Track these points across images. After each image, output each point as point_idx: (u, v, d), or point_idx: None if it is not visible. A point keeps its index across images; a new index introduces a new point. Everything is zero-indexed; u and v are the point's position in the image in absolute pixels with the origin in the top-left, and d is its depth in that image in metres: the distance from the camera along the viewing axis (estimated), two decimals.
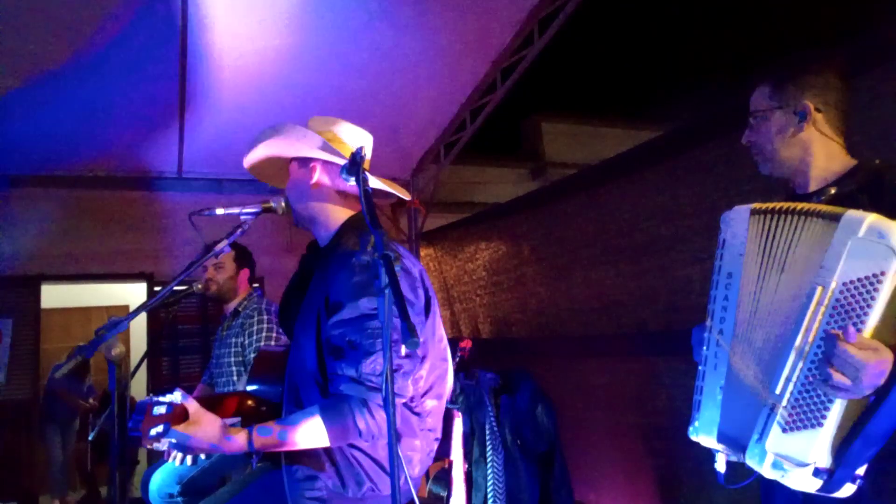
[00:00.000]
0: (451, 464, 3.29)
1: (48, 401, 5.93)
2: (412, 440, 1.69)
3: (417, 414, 1.70)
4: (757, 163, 1.60)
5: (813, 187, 1.53)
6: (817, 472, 1.27)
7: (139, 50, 3.79)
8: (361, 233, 1.64)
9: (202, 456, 1.67)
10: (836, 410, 1.25)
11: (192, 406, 1.53)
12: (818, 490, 1.28)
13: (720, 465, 1.53)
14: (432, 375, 1.76)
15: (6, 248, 5.21)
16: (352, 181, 1.46)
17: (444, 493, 3.12)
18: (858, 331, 1.22)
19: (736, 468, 1.53)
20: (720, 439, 1.47)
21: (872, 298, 1.22)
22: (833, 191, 1.49)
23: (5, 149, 4.63)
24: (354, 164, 1.45)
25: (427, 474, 3.47)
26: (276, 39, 3.90)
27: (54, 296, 6.17)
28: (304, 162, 1.78)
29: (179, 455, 1.74)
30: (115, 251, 5.58)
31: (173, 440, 1.48)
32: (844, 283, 1.25)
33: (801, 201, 1.47)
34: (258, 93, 4.30)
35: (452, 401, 2.01)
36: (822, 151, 1.52)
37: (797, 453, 1.28)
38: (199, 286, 3.20)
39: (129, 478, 5.19)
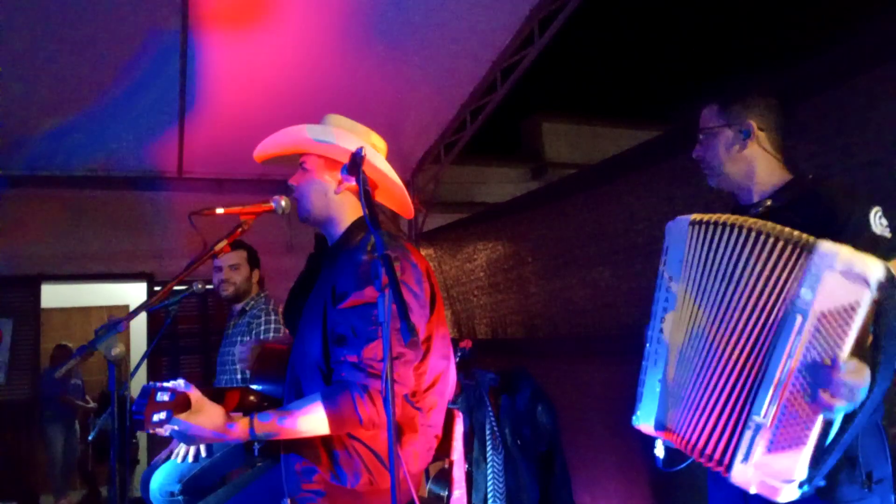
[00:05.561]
0: (451, 464, 3.29)
1: (45, 404, 5.93)
2: (413, 435, 1.69)
3: (419, 409, 1.70)
4: (706, 176, 1.76)
5: (755, 199, 1.67)
6: (800, 485, 1.34)
7: (140, 50, 3.79)
8: (368, 231, 1.65)
9: (203, 453, 1.67)
10: (817, 429, 1.33)
11: (195, 395, 1.51)
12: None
13: (659, 451, 1.67)
14: (435, 371, 1.76)
15: (6, 248, 5.20)
16: (352, 181, 1.47)
17: (444, 493, 3.12)
18: (837, 356, 1.30)
19: (673, 454, 1.67)
20: (657, 427, 1.60)
21: (849, 326, 1.30)
22: (769, 203, 1.63)
23: (5, 149, 4.63)
24: (354, 165, 1.47)
25: (427, 474, 3.46)
26: (275, 40, 3.90)
27: (54, 296, 6.17)
28: (336, 163, 1.74)
29: (182, 451, 1.74)
30: (115, 251, 5.58)
31: (175, 427, 1.46)
32: (822, 313, 1.32)
33: (739, 213, 1.59)
34: (258, 93, 4.31)
35: (452, 401, 2.01)
36: (763, 166, 1.67)
37: (783, 472, 1.35)
38: (200, 286, 3.19)
39: (130, 478, 5.19)
